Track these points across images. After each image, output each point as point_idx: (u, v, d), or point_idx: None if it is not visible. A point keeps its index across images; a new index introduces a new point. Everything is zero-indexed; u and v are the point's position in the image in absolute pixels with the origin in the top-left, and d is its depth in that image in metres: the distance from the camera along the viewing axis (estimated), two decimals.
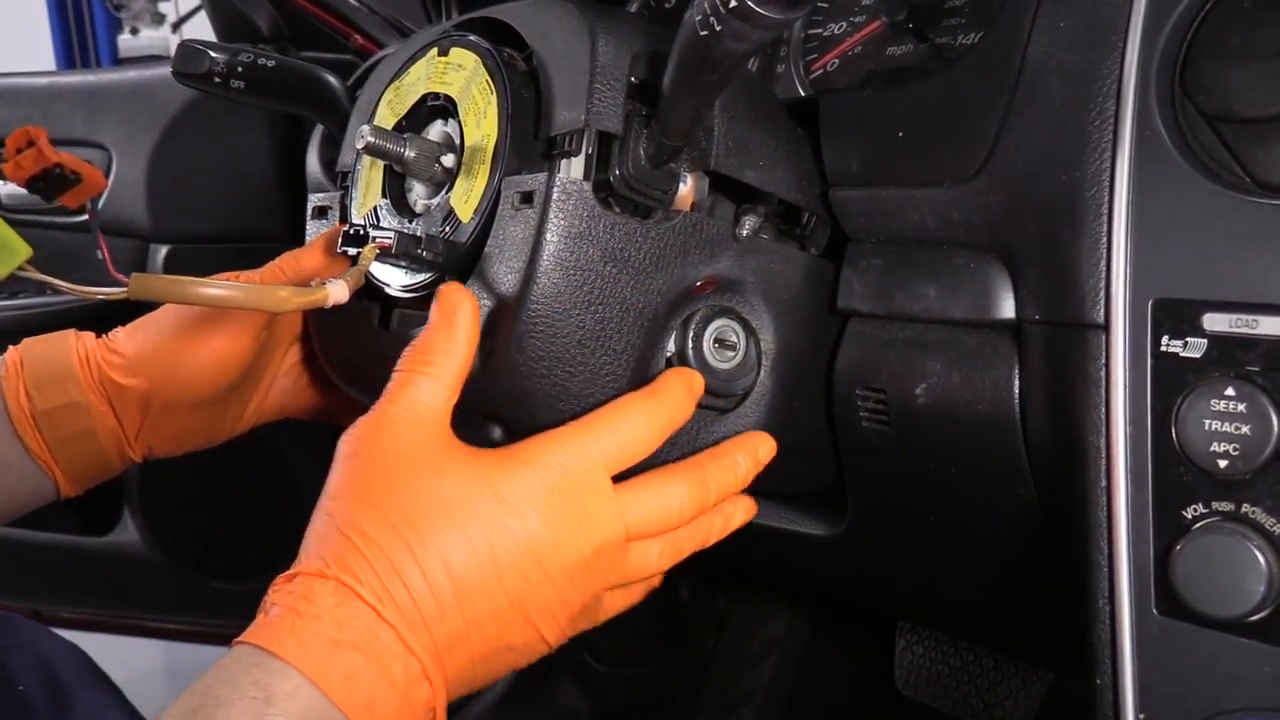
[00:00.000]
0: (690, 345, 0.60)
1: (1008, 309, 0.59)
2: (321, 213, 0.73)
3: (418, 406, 0.53)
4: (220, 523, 1.31)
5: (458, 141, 0.62)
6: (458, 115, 0.63)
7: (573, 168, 0.57)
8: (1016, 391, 0.59)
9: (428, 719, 0.50)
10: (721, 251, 0.61)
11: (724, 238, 0.61)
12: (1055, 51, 0.55)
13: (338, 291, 0.55)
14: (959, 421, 0.62)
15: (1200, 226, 0.49)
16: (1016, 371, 0.59)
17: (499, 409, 0.59)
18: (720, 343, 0.62)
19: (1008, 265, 0.59)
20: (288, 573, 0.51)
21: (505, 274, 0.57)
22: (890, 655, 1.12)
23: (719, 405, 0.64)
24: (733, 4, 0.47)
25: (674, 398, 0.58)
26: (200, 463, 1.27)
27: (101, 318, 1.21)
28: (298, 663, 0.46)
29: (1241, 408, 0.47)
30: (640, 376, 0.59)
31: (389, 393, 0.54)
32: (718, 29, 0.49)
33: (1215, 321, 0.48)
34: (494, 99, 0.61)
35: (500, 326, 0.57)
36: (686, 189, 0.64)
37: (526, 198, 0.56)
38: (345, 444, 0.54)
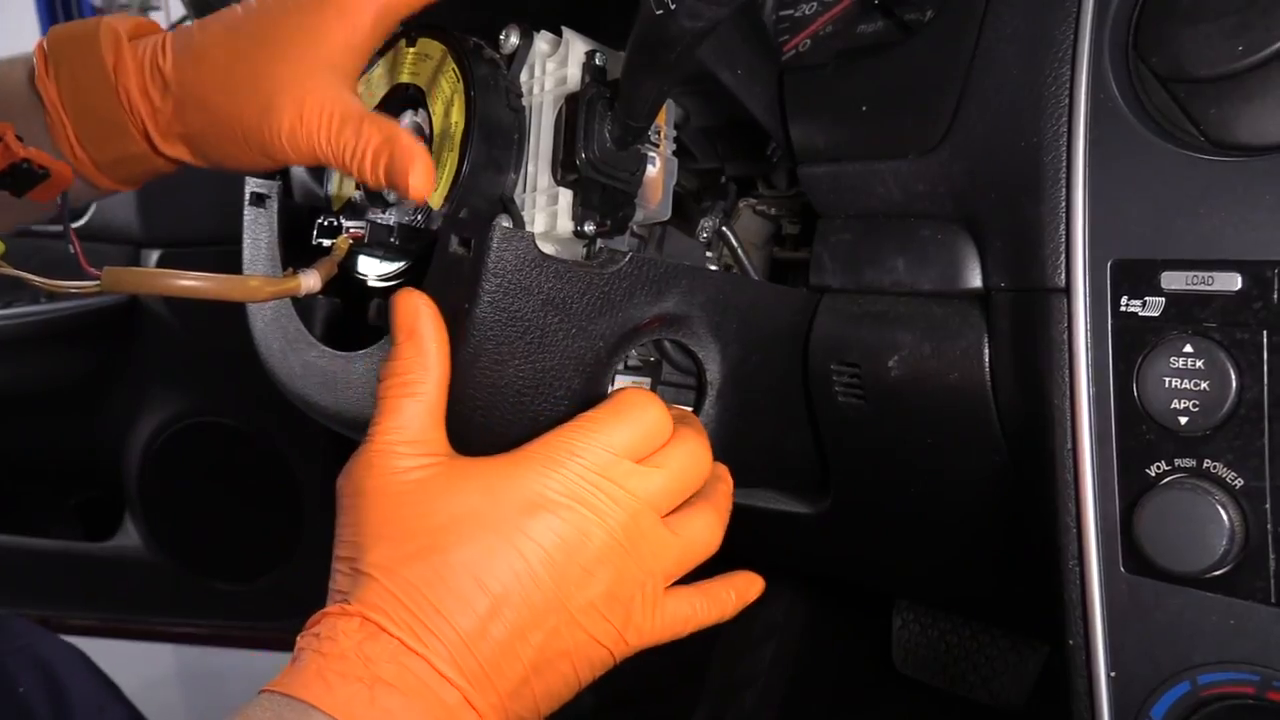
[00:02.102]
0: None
1: (975, 278, 0.60)
2: (259, 200, 0.71)
3: (409, 429, 0.51)
4: (222, 525, 1.32)
5: (427, 131, 0.63)
6: (427, 105, 0.63)
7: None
8: (986, 360, 0.60)
9: None
10: (669, 290, 0.60)
11: (670, 277, 0.60)
12: (1011, 20, 0.55)
13: (310, 281, 0.56)
14: (932, 392, 0.62)
15: (1155, 187, 0.49)
16: (986, 340, 0.59)
17: None
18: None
19: (973, 235, 0.59)
20: (312, 618, 0.49)
21: (445, 311, 0.55)
22: (888, 634, 1.13)
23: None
24: None
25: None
26: (201, 465, 1.28)
27: (86, 326, 1.22)
28: (326, 706, 0.44)
29: (1199, 364, 0.47)
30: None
31: (377, 423, 0.52)
32: (672, 7, 0.49)
33: (1172, 280, 0.48)
34: (460, 87, 0.61)
35: None
36: (655, 170, 0.65)
37: (464, 243, 0.54)
38: (345, 485, 0.52)
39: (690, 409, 0.64)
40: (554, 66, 0.63)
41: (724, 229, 0.72)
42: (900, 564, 0.82)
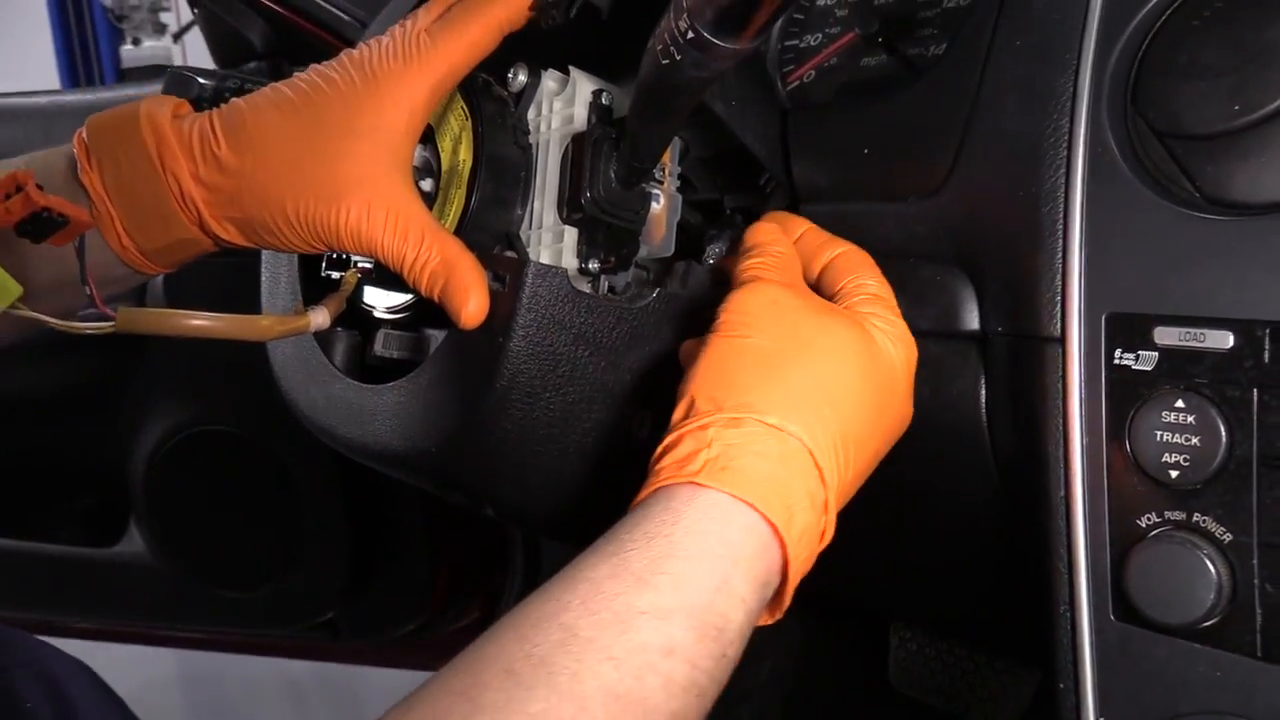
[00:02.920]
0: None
1: (973, 320, 0.60)
2: None
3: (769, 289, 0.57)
4: (225, 532, 1.33)
5: (435, 166, 0.64)
6: (435, 140, 0.64)
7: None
8: (983, 402, 0.60)
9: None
10: (695, 322, 0.62)
11: (697, 311, 0.62)
12: (1013, 68, 0.56)
13: (319, 318, 0.57)
14: (928, 432, 0.63)
15: (1151, 242, 0.50)
16: (983, 383, 0.60)
17: (465, 483, 0.61)
18: None
19: (972, 277, 0.60)
20: (687, 425, 0.52)
21: (477, 346, 0.58)
22: (885, 652, 1.13)
23: None
24: (689, 35, 0.49)
25: None
26: (205, 472, 1.29)
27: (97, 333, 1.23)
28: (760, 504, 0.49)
29: (1191, 420, 0.48)
30: (610, 450, 0.61)
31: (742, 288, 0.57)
32: (678, 58, 0.50)
33: (1165, 335, 0.49)
34: (469, 124, 0.62)
35: (469, 405, 0.58)
36: (660, 207, 0.66)
37: (498, 278, 0.57)
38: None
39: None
40: (561, 105, 0.64)
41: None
42: (892, 589, 0.83)
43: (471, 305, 0.55)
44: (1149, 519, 0.50)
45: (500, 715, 0.41)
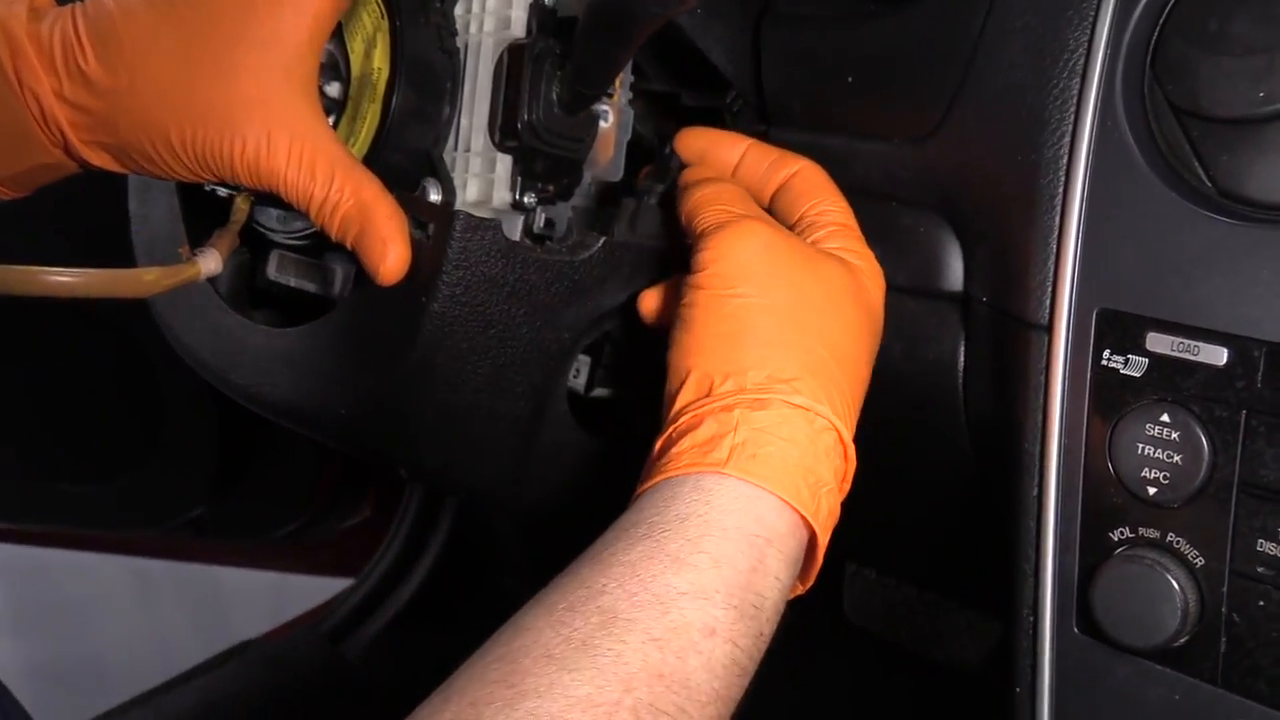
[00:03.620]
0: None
1: (956, 280, 0.67)
2: None
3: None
4: (69, 417, 1.37)
5: (344, 71, 0.67)
6: (344, 39, 0.67)
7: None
8: (960, 370, 0.67)
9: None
10: (642, 271, 0.67)
11: (645, 259, 0.67)
12: (1021, 11, 0.60)
13: (210, 263, 0.61)
14: (900, 395, 0.70)
15: (1153, 236, 0.56)
16: (962, 349, 0.67)
17: (380, 447, 0.66)
18: None
19: (958, 233, 0.66)
20: (706, 405, 0.58)
21: (395, 301, 0.61)
22: (840, 581, 1.24)
23: None
24: None
25: None
26: (42, 347, 1.32)
27: None
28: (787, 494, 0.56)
29: (1175, 436, 0.55)
30: (547, 413, 0.66)
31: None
32: None
33: (1157, 342, 0.56)
34: (384, 23, 0.65)
35: (386, 366, 0.63)
36: (608, 125, 0.70)
37: (422, 224, 0.60)
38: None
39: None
40: (495, 3, 0.66)
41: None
42: (850, 530, 0.92)
43: (390, 259, 0.59)
44: (1121, 533, 0.57)
45: (545, 699, 0.47)
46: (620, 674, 0.49)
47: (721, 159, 0.69)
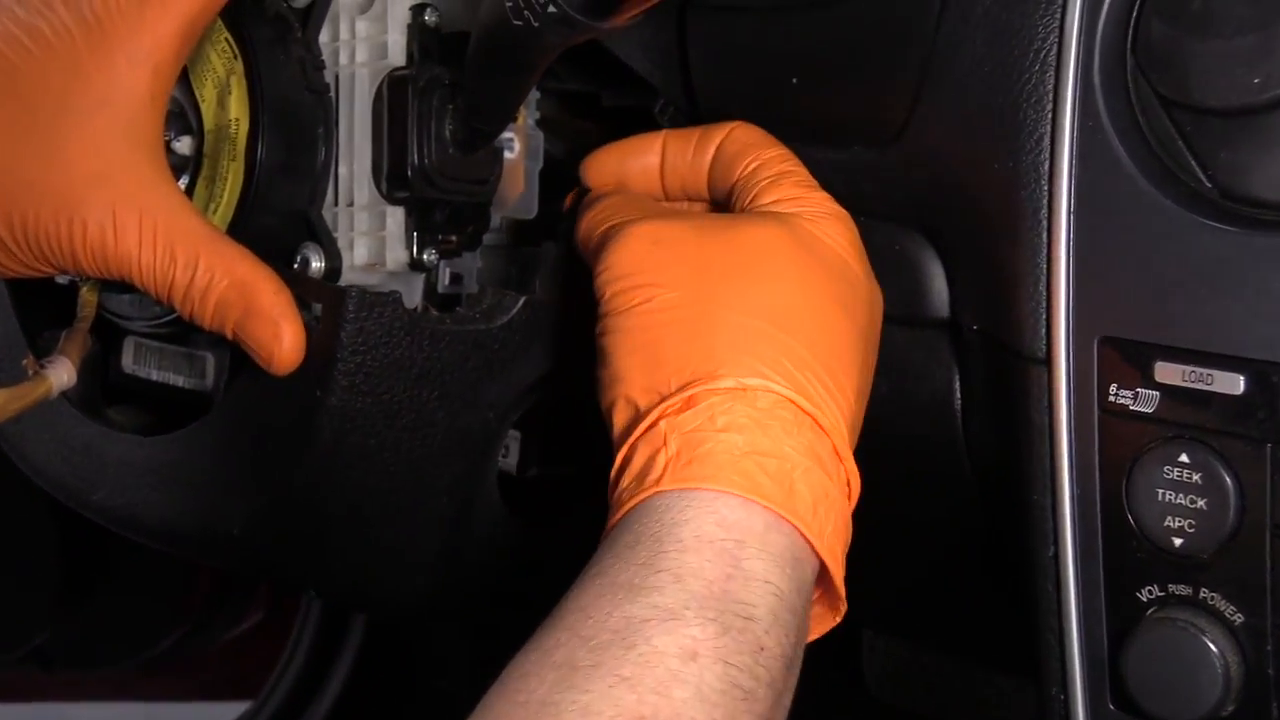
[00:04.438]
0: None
1: (942, 305, 0.74)
2: None
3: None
4: None
5: (195, 124, 0.73)
6: (191, 85, 0.73)
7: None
8: (958, 409, 0.75)
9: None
10: (571, 330, 0.72)
11: (580, 310, 0.71)
12: None
13: (61, 374, 0.67)
14: (892, 439, 0.77)
15: (1152, 251, 0.63)
16: (957, 385, 0.74)
17: (282, 567, 0.73)
18: None
19: (939, 251, 0.73)
20: (634, 433, 0.63)
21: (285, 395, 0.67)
22: (859, 653, 1.31)
23: None
24: (551, 10, 0.59)
25: None
26: None
27: None
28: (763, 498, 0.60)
29: (1196, 478, 0.63)
30: (469, 507, 0.73)
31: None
32: (535, 25, 0.61)
33: (1167, 372, 0.63)
34: (239, 64, 0.71)
35: (280, 473, 0.69)
36: (514, 155, 0.77)
37: (307, 305, 0.66)
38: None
39: None
40: (368, 26, 0.73)
41: None
42: (860, 596, 1.00)
43: (286, 341, 0.64)
44: (1150, 592, 0.65)
45: None
46: None
47: (640, 167, 0.76)
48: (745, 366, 0.63)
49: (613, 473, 0.64)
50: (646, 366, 0.65)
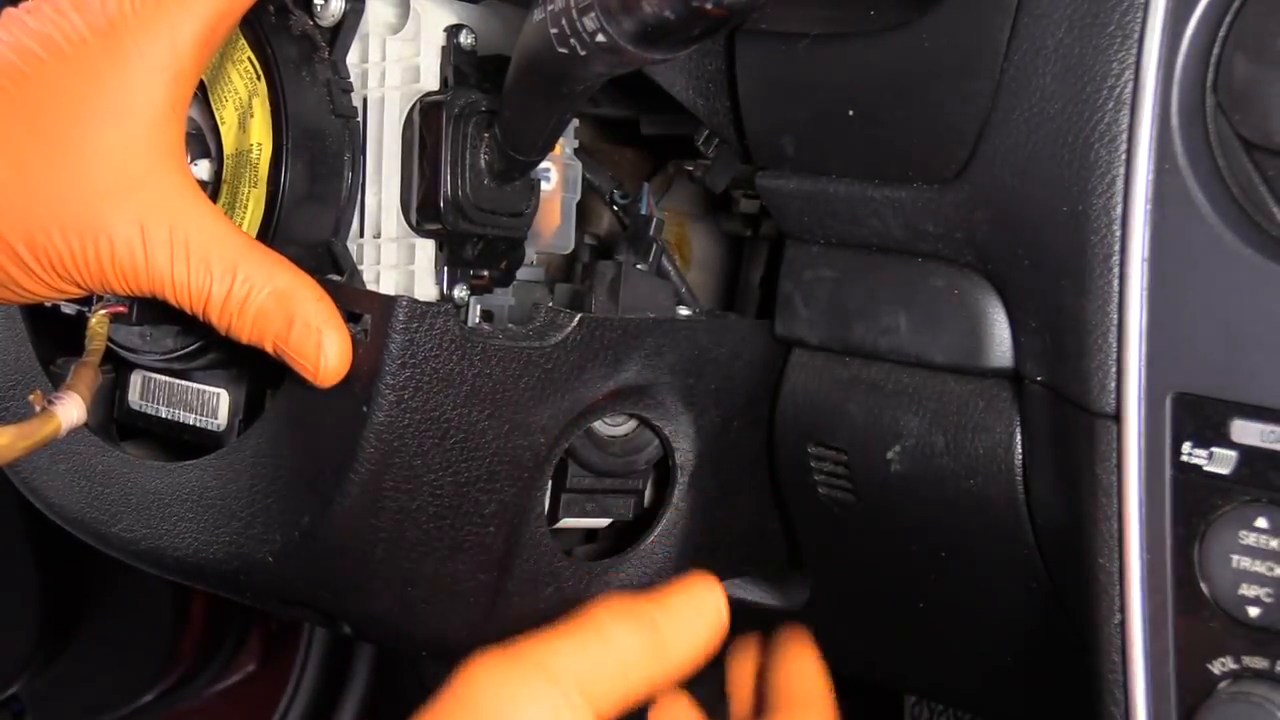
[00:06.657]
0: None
1: (1005, 354, 0.76)
2: None
3: None
4: None
5: (213, 148, 0.76)
6: (210, 105, 0.76)
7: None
8: (1019, 465, 0.77)
9: None
10: (629, 354, 0.75)
11: (631, 337, 0.75)
12: (1052, 27, 0.70)
13: (71, 411, 0.69)
14: (946, 498, 0.79)
15: (1230, 302, 0.65)
16: (1018, 440, 0.76)
17: (318, 597, 0.75)
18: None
19: (1002, 297, 0.75)
20: None
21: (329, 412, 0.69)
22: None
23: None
24: (600, 39, 0.61)
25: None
26: None
27: None
28: None
29: (1275, 544, 0.64)
30: (517, 537, 0.75)
31: None
32: (581, 54, 0.63)
33: (1245, 431, 0.65)
34: (262, 84, 0.74)
35: (321, 485, 0.70)
36: (551, 187, 0.79)
37: (354, 316, 0.68)
38: None
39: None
40: (400, 47, 0.75)
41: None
42: (905, 671, 1.01)
43: (331, 351, 0.67)
44: (1223, 665, 0.67)
45: None
46: None
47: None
48: None
49: None
50: None
